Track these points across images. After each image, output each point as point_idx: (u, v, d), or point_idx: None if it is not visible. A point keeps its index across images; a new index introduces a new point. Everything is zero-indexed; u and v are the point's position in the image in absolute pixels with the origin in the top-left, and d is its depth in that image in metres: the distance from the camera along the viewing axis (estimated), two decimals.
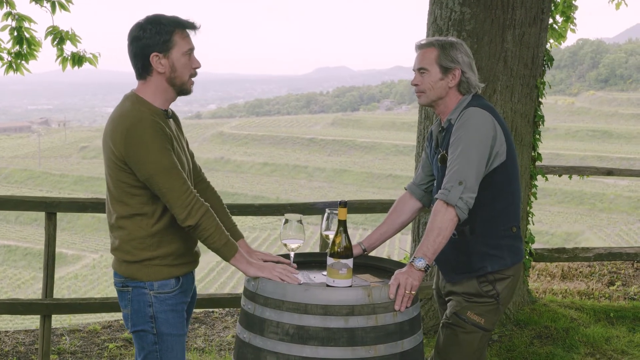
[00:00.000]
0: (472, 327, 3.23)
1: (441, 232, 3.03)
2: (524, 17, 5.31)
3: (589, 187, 62.71)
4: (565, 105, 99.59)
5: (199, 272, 44.21)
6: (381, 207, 5.36)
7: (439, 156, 3.27)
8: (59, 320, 7.10)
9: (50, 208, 4.73)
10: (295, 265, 3.26)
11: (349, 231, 3.08)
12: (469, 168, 3.05)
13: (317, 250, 5.15)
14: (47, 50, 7.77)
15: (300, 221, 3.20)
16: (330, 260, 3.01)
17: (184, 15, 3.07)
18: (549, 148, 72.92)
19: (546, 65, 5.87)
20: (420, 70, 3.26)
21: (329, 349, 2.86)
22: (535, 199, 6.10)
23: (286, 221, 3.18)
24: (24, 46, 7.46)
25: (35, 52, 7.60)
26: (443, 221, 3.04)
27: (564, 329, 5.64)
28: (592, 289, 7.10)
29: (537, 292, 6.83)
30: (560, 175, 6.65)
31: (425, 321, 5.61)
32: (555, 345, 5.34)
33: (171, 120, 3.08)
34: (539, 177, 6.30)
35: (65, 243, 54.23)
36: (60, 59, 7.52)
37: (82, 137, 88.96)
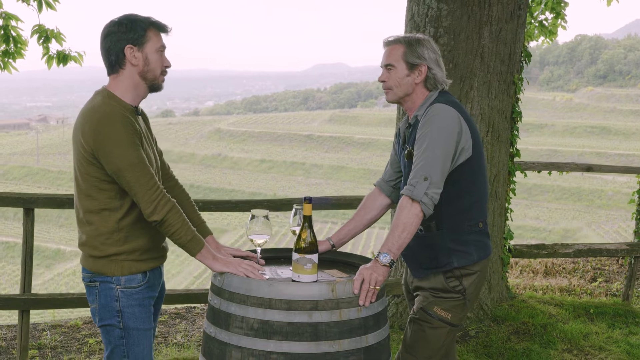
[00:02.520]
0: (439, 322, 3.25)
1: (406, 227, 3.05)
2: (501, 13, 5.33)
3: (587, 184, 62.73)
4: (564, 101, 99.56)
5: (195, 269, 44.23)
6: (358, 202, 5.35)
7: (406, 152, 3.29)
8: (43, 316, 7.10)
9: (28, 204, 4.75)
10: (263, 261, 3.28)
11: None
12: (434, 164, 3.06)
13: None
14: (34, 49, 7.80)
15: (266, 217, 3.23)
16: (295, 256, 3.04)
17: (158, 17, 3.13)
18: (547, 144, 73.01)
19: (524, 62, 5.89)
20: (387, 66, 3.28)
21: (292, 344, 2.88)
22: (514, 195, 6.12)
23: (253, 217, 3.20)
24: (10, 45, 7.48)
25: (22, 51, 7.62)
26: (408, 217, 3.05)
27: (542, 325, 5.66)
28: (574, 285, 7.12)
29: (517, 289, 6.85)
30: (539, 172, 6.67)
31: (403, 317, 5.63)
32: (532, 341, 5.36)
33: (140, 117, 3.12)
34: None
35: (63, 240, 54.27)
36: (46, 57, 7.56)
37: None
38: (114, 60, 3.01)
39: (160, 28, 3.07)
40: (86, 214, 3.02)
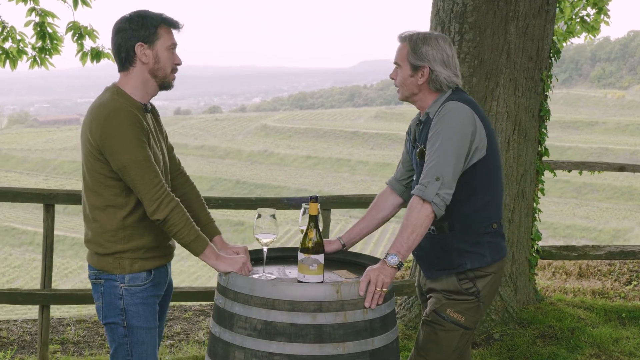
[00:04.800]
0: (452, 325, 3.18)
1: (416, 228, 2.98)
2: (528, 9, 5.22)
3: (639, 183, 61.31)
4: (615, 98, 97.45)
5: None
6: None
7: (417, 151, 3.22)
8: (69, 311, 7.15)
9: (48, 200, 4.79)
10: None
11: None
12: (447, 163, 2.99)
13: None
14: (69, 45, 7.89)
15: (273, 216, 3.18)
16: (300, 256, 3.00)
17: (170, 14, 3.12)
18: (598, 142, 71.57)
19: (553, 58, 5.75)
20: (395, 64, 3.22)
21: (296, 345, 2.84)
22: (543, 194, 5.96)
23: (259, 216, 3.15)
24: (47, 41, 7.58)
25: (58, 47, 7.73)
26: (418, 218, 2.98)
27: (569, 329, 5.50)
28: (608, 288, 6.91)
29: (547, 291, 6.69)
30: (569, 171, 6.49)
31: None
32: (559, 346, 5.22)
33: (149, 114, 3.11)
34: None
35: None
36: (80, 54, 7.65)
37: None
38: (124, 57, 3.02)
39: (172, 24, 3.07)
40: (92, 211, 3.03)
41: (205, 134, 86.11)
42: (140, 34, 2.97)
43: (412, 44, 3.15)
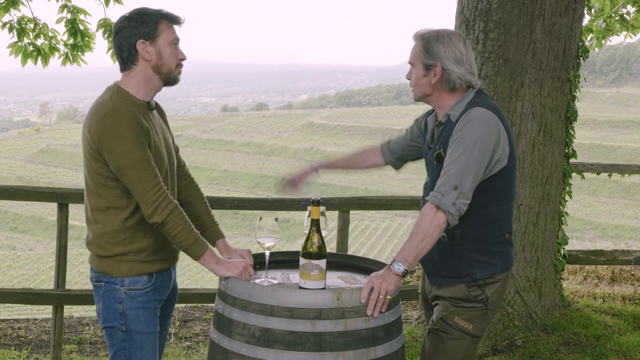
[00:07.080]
0: (460, 333, 3.09)
1: (426, 237, 2.88)
2: (555, 7, 5.07)
3: None
4: None
5: None
6: (400, 203, 5.23)
7: (435, 154, 3.09)
8: (89, 311, 7.12)
9: (62, 199, 4.77)
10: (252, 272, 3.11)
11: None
12: (467, 173, 2.87)
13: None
14: (101, 43, 7.95)
15: (276, 219, 3.11)
16: (302, 261, 2.92)
17: (170, 9, 3.06)
18: None
19: (581, 58, 5.57)
20: (410, 64, 3.13)
21: (294, 354, 2.77)
22: (571, 197, 5.79)
23: (261, 219, 3.08)
24: (78, 38, 7.64)
25: (90, 44, 7.79)
26: (430, 226, 2.88)
27: (595, 336, 5.33)
28: None
29: (576, 296, 6.50)
30: (598, 174, 6.31)
31: None
32: (583, 353, 5.07)
33: (154, 112, 3.06)
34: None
35: None
36: (110, 51, 7.69)
37: (177, 126, 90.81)
38: (126, 56, 2.96)
39: (172, 20, 3.01)
40: (93, 212, 2.98)
41: (251, 131, 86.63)
42: (140, 31, 2.92)
43: (425, 42, 3.04)
